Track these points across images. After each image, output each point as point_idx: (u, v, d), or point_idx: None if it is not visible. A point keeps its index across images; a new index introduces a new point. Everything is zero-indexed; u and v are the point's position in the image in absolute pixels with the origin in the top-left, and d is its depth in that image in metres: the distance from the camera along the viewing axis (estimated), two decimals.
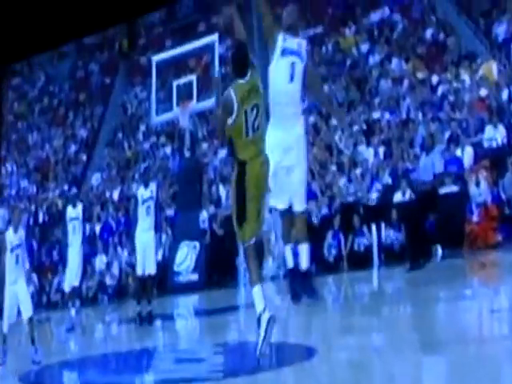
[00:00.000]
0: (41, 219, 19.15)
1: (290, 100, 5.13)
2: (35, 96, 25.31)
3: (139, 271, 9.76)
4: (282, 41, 5.37)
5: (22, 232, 8.10)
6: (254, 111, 4.71)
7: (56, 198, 19.45)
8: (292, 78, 5.09)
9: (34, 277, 15.54)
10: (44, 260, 17.06)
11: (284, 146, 5.15)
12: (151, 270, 9.76)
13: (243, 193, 4.77)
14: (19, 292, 7.65)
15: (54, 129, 22.97)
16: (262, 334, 4.69)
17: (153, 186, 10.27)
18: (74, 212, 10.79)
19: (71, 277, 10.85)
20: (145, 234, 9.73)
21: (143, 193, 9.83)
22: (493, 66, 13.55)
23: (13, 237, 7.76)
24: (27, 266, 8.26)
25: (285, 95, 5.16)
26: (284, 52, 5.17)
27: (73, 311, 10.71)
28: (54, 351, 8.98)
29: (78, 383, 6.89)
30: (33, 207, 19.54)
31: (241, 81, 4.70)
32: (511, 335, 5.99)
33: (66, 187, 19.92)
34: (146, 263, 9.73)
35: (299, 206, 5.54)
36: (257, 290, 4.79)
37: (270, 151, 4.89)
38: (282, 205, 5.53)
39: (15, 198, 20.65)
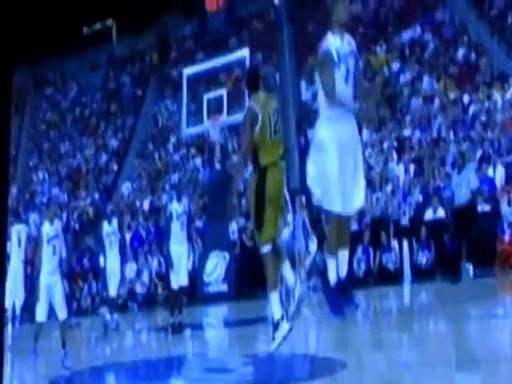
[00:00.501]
0: (71, 227, 19.43)
1: (345, 101, 4.95)
2: (67, 106, 25.60)
3: (174, 284, 9.90)
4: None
5: (57, 224, 8.15)
6: (275, 115, 5.11)
7: (87, 207, 19.77)
8: (347, 81, 4.87)
9: (65, 283, 15.83)
10: (74, 267, 17.12)
11: (337, 144, 4.85)
12: (183, 281, 9.98)
13: (262, 197, 4.96)
14: (55, 292, 7.73)
15: (86, 138, 23.23)
16: (278, 340, 4.86)
17: (185, 200, 10.50)
18: (110, 228, 11.13)
19: (111, 287, 11.17)
20: (179, 247, 9.92)
21: (177, 207, 9.99)
22: None
23: (49, 228, 7.81)
24: (64, 254, 8.31)
25: (339, 97, 4.97)
26: (338, 57, 4.89)
27: (108, 315, 10.97)
28: (84, 357, 9.09)
29: None
30: (64, 215, 19.49)
31: (256, 94, 5.20)
32: None
33: (96, 196, 20.25)
34: (179, 275, 9.91)
35: (354, 206, 4.89)
36: (274, 296, 4.90)
37: (320, 150, 4.80)
38: (336, 207, 4.82)
39: (47, 205, 20.27)
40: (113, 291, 11.25)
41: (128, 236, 16.74)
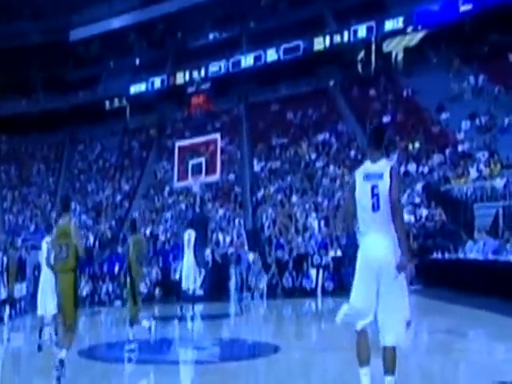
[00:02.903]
0: (95, 243, 18.71)
1: None
2: (93, 159, 25.03)
3: (185, 286, 9.85)
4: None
5: None
6: None
7: (106, 230, 19.18)
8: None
9: (90, 282, 15.76)
10: (96, 271, 16.35)
11: None
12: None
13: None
14: None
15: (106, 182, 22.70)
16: None
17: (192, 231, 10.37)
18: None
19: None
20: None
21: (187, 236, 10.14)
22: None
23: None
24: None
25: None
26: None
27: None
28: (102, 334, 8.92)
29: (120, 358, 6.49)
30: (90, 235, 18.95)
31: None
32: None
33: (113, 223, 19.74)
34: (192, 281, 9.83)
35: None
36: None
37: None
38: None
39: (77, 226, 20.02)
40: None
41: None
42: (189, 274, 9.87)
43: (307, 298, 11.92)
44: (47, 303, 6.69)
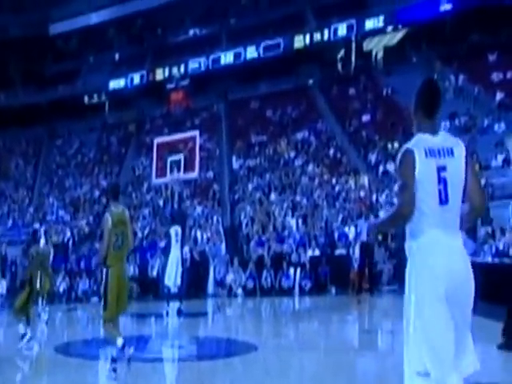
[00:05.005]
0: (72, 239, 18.38)
1: None
2: (72, 154, 24.37)
3: (169, 282, 9.45)
4: None
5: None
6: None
7: (84, 226, 18.69)
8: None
9: (67, 278, 15.22)
10: (73, 268, 16.00)
11: None
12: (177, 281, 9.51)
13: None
14: None
15: (84, 178, 22.14)
16: None
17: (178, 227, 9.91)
18: None
19: None
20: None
21: (173, 231, 9.73)
22: (366, 179, 14.49)
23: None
24: None
25: None
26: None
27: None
28: (78, 331, 8.61)
29: (96, 355, 6.18)
30: (67, 230, 18.32)
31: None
32: (373, 346, 6.29)
33: (90, 219, 19.20)
34: (177, 276, 9.47)
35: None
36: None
37: None
38: None
39: (55, 222, 19.40)
40: None
41: None
42: (173, 270, 9.52)
43: (285, 296, 11.73)
44: None
